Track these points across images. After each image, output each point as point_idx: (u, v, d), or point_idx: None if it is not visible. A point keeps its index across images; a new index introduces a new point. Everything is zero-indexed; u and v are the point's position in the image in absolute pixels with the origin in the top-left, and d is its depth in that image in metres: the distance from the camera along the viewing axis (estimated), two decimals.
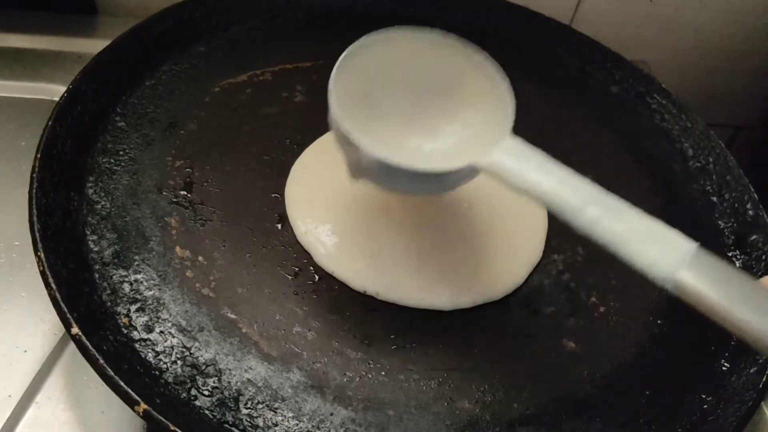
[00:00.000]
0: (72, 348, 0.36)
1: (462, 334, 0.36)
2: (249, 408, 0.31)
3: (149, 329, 0.33)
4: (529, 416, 0.33)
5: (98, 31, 0.56)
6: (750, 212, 0.43)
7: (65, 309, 0.30)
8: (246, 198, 0.40)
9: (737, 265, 0.42)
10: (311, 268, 0.37)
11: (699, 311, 0.26)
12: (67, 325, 0.30)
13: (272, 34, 0.50)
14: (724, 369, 0.36)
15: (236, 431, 0.30)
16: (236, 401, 0.31)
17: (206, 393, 0.31)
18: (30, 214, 0.33)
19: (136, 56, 0.44)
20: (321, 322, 0.35)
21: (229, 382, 0.32)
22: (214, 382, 0.32)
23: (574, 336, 0.37)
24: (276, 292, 0.36)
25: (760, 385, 0.35)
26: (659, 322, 0.38)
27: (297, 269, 0.37)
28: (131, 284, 0.34)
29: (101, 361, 0.29)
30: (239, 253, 0.37)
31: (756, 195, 0.44)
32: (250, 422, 0.31)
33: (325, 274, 0.37)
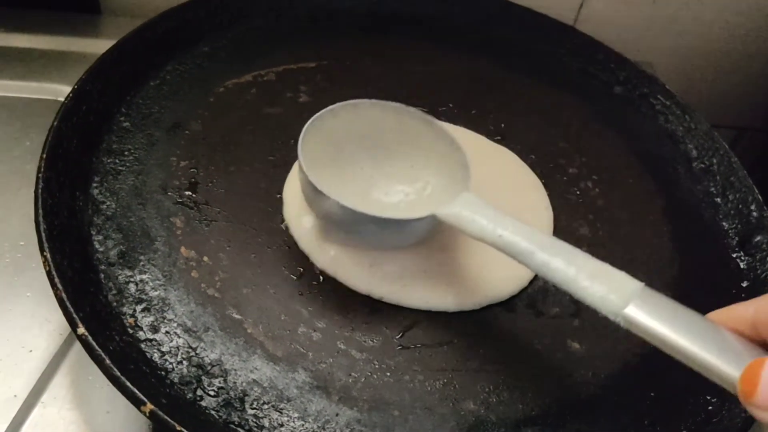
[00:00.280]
0: (77, 348, 0.36)
1: (467, 335, 0.36)
2: (255, 408, 0.31)
3: (155, 329, 0.33)
4: (534, 417, 0.33)
5: (102, 31, 0.56)
6: (754, 213, 0.43)
7: (71, 309, 0.30)
8: (251, 198, 0.40)
9: (742, 267, 0.42)
10: (316, 269, 0.37)
11: (648, 343, 0.27)
12: (74, 326, 0.30)
13: (276, 35, 0.50)
14: None
15: (242, 431, 0.30)
16: (242, 401, 0.31)
17: (212, 393, 0.31)
18: (36, 214, 0.33)
19: (141, 56, 0.45)
20: (326, 323, 0.35)
21: (235, 383, 0.32)
22: (220, 383, 0.32)
23: (579, 337, 0.37)
24: (281, 293, 0.36)
25: None
26: None
27: (302, 270, 0.37)
28: (137, 284, 0.34)
29: (107, 362, 0.29)
30: (244, 254, 0.37)
31: (760, 196, 0.44)
32: (256, 422, 0.31)
33: (330, 275, 0.37)
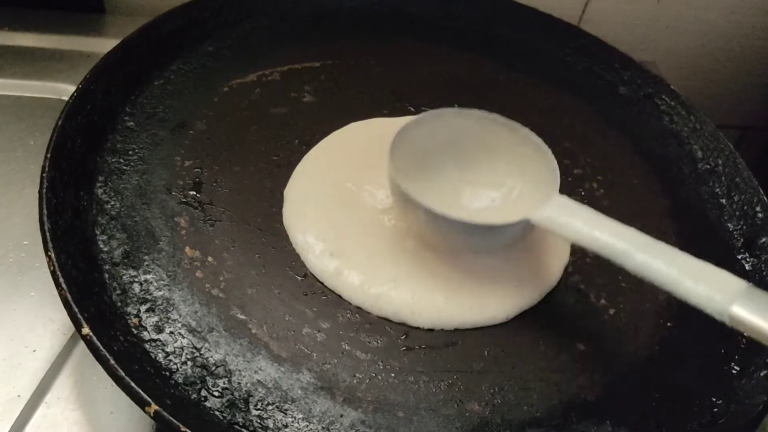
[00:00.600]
0: (81, 348, 0.36)
1: (471, 336, 0.36)
2: (259, 409, 0.31)
3: (159, 330, 0.33)
4: (539, 418, 0.33)
5: (106, 30, 0.56)
6: (759, 215, 0.43)
7: (76, 309, 0.30)
8: (255, 198, 0.40)
9: (747, 268, 0.42)
10: None
11: (758, 342, 0.28)
12: (78, 326, 0.30)
13: (281, 35, 0.50)
14: (735, 372, 0.36)
15: None
16: (246, 402, 0.31)
17: (216, 394, 0.31)
18: (40, 214, 0.33)
19: (145, 56, 0.44)
20: (330, 324, 0.35)
21: (239, 383, 0.32)
22: (224, 383, 0.32)
23: (584, 338, 0.37)
24: (285, 293, 0.36)
25: None
26: (669, 325, 0.38)
27: (306, 270, 0.37)
28: (141, 284, 0.34)
29: (112, 362, 0.29)
30: (248, 254, 0.37)
31: (765, 197, 0.44)
32: (260, 423, 0.31)
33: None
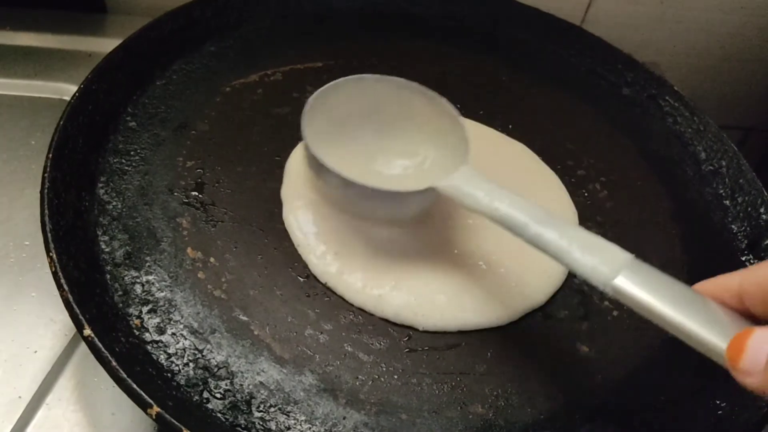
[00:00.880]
0: (82, 349, 0.36)
1: (474, 338, 0.36)
2: (261, 411, 0.31)
3: (161, 331, 0.33)
4: (543, 421, 0.33)
5: (108, 30, 0.56)
6: (763, 216, 0.43)
7: (77, 310, 0.30)
8: (257, 199, 0.39)
9: None
10: None
11: (637, 313, 0.28)
12: (80, 327, 0.30)
13: (283, 34, 0.50)
14: None
15: None
16: (248, 404, 0.31)
17: (218, 396, 0.31)
18: (42, 215, 0.33)
19: (147, 55, 0.44)
20: (333, 325, 0.35)
21: (242, 385, 0.32)
22: (227, 385, 0.31)
23: (588, 340, 0.36)
24: (288, 294, 0.35)
25: None
26: None
27: (309, 271, 0.37)
28: (143, 285, 0.34)
29: (114, 363, 0.29)
30: (251, 255, 0.37)
31: None
32: (263, 426, 0.31)
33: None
